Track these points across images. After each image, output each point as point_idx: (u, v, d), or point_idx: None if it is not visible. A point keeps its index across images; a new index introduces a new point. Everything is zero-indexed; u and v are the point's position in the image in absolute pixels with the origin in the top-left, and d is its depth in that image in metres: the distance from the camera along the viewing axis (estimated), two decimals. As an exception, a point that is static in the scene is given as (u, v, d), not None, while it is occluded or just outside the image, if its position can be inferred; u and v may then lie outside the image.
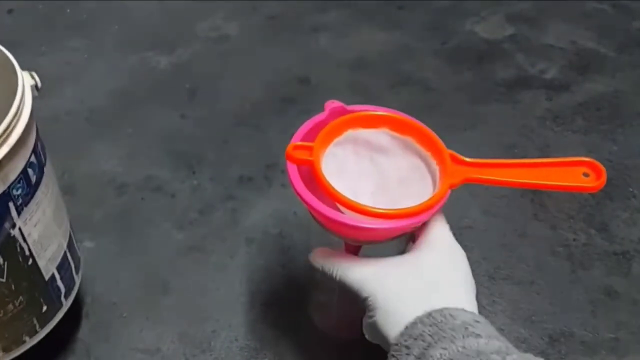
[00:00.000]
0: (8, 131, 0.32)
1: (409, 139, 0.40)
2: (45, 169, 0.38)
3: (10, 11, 0.81)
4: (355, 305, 0.37)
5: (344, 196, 0.35)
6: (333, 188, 0.35)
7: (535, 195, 0.59)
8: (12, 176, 0.33)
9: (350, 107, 0.41)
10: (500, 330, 0.48)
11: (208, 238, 0.55)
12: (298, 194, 0.36)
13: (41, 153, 0.37)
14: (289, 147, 0.37)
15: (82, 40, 0.77)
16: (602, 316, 0.49)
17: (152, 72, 0.73)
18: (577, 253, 0.54)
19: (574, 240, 0.55)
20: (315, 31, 0.79)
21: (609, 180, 0.59)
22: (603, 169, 0.37)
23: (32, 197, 0.35)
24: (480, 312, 0.49)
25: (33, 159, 0.35)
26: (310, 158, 0.37)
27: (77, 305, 0.49)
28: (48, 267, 0.39)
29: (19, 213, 0.34)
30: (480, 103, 0.70)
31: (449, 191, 0.36)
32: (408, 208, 0.35)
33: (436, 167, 0.38)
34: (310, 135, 0.39)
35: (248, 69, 0.73)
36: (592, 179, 0.37)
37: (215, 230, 0.55)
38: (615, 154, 0.63)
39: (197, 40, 0.77)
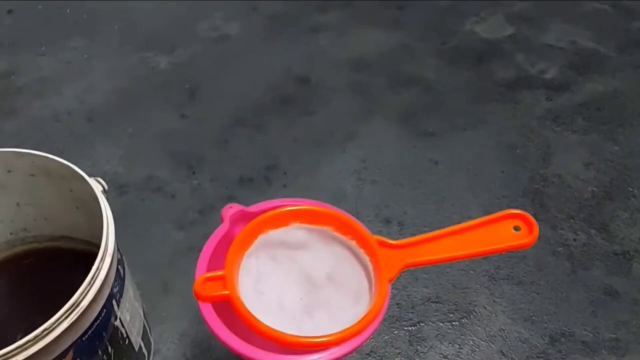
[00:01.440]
0: (108, 251, 0.33)
1: (328, 229, 0.37)
2: (123, 256, 0.39)
3: (10, 11, 0.81)
4: None
5: (281, 334, 0.31)
6: (266, 327, 0.31)
7: (536, 195, 0.59)
8: (112, 277, 0.34)
9: (251, 208, 0.38)
10: (501, 330, 0.48)
11: (208, 238, 0.54)
12: (227, 345, 0.31)
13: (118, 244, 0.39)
14: (197, 283, 0.32)
15: (82, 40, 0.77)
16: (603, 316, 0.49)
17: (152, 72, 0.73)
18: (577, 253, 0.54)
19: (574, 240, 0.55)
20: (315, 31, 0.79)
21: (609, 180, 0.59)
22: (533, 220, 0.36)
23: (123, 287, 0.37)
24: (480, 313, 0.49)
25: (118, 255, 0.36)
26: (226, 292, 0.32)
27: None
28: (137, 340, 0.40)
29: (118, 305, 0.36)
30: (480, 103, 0.70)
31: (390, 287, 0.34)
32: (352, 326, 0.32)
33: (365, 256, 0.36)
34: (218, 255, 0.35)
35: (248, 69, 0.73)
36: (524, 233, 0.36)
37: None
38: (615, 153, 0.63)
39: (197, 40, 0.77)
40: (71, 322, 0.30)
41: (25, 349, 0.28)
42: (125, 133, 0.65)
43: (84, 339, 0.32)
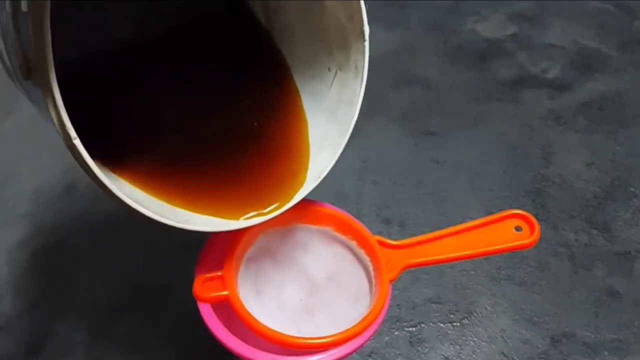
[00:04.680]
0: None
1: (328, 229, 0.37)
2: None
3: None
4: None
5: (280, 335, 0.31)
6: (265, 328, 0.31)
7: (537, 195, 0.58)
8: None
9: None
10: (502, 331, 0.48)
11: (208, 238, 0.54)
12: (226, 346, 0.31)
13: None
14: (197, 284, 0.32)
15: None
16: (604, 317, 0.49)
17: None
18: (578, 253, 0.54)
19: (576, 240, 0.55)
20: (316, 30, 0.79)
21: (611, 180, 0.59)
22: (535, 221, 0.36)
23: None
24: (481, 313, 0.49)
25: None
26: (225, 292, 0.32)
27: (75, 306, 0.49)
28: None
29: None
30: (481, 102, 0.69)
31: (390, 288, 0.34)
32: (353, 327, 0.32)
33: (365, 257, 0.36)
34: (218, 255, 0.35)
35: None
36: (525, 233, 0.36)
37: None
38: (617, 153, 0.63)
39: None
40: None
41: None
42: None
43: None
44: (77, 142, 0.25)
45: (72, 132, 0.24)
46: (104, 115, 0.34)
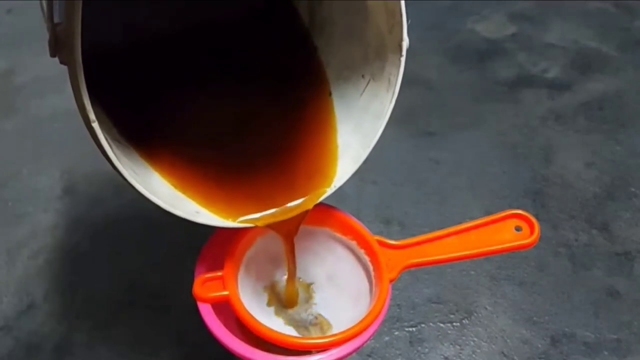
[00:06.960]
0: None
1: (328, 229, 0.37)
2: None
3: (9, 11, 0.81)
4: None
5: (280, 335, 0.31)
6: (265, 328, 0.31)
7: (537, 195, 0.58)
8: None
9: None
10: (502, 331, 0.48)
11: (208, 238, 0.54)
12: (226, 346, 0.31)
13: None
14: (197, 284, 0.32)
15: (82, 39, 0.76)
16: (604, 317, 0.49)
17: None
18: (578, 253, 0.53)
19: (576, 240, 0.55)
20: (316, 30, 0.79)
21: (611, 180, 0.59)
22: (535, 221, 0.36)
23: None
24: (481, 313, 0.49)
25: None
26: (225, 292, 0.32)
27: (74, 306, 0.49)
28: None
29: None
30: (481, 102, 0.69)
31: (391, 288, 0.34)
32: (353, 327, 0.31)
33: (366, 257, 0.36)
34: (218, 255, 0.34)
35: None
36: (525, 233, 0.36)
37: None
38: (617, 153, 0.63)
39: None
40: None
41: None
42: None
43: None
44: (96, 125, 0.25)
45: (92, 115, 0.24)
46: (142, 101, 0.34)
